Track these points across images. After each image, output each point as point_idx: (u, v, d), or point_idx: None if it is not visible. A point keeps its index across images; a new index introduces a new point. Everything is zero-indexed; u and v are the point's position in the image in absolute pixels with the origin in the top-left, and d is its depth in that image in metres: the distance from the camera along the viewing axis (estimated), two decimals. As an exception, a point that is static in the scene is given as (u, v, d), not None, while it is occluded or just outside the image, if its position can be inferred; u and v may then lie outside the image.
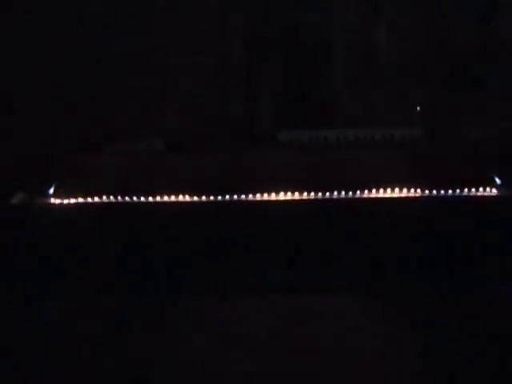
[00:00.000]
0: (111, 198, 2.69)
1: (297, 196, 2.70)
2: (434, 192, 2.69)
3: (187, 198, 2.70)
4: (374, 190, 2.70)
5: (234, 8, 3.10)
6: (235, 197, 2.69)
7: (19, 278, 2.58)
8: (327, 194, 2.69)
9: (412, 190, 2.70)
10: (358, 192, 2.70)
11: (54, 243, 2.56)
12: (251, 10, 3.10)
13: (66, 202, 2.69)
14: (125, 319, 2.57)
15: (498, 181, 2.70)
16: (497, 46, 3.03)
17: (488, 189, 2.70)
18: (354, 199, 2.67)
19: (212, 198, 2.69)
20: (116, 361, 2.49)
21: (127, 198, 2.69)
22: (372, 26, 3.11)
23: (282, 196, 2.69)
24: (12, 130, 2.91)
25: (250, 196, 2.69)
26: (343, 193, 2.70)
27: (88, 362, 2.48)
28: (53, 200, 2.70)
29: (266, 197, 2.69)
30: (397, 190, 2.70)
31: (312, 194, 2.70)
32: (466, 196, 2.67)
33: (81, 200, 2.70)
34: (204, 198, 2.69)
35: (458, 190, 2.69)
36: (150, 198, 2.69)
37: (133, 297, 2.59)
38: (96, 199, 2.70)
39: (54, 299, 2.58)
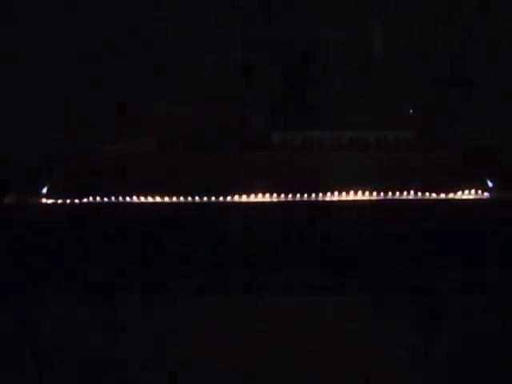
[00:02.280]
0: (104, 198, 2.70)
1: (290, 198, 2.70)
2: (426, 195, 2.69)
3: (179, 199, 2.71)
4: (366, 193, 2.70)
5: (232, 8, 3.10)
6: (223, 198, 2.70)
7: (12, 278, 2.59)
8: (319, 195, 2.70)
9: (405, 193, 2.70)
10: (352, 194, 2.70)
11: (45, 243, 2.56)
12: (249, 11, 3.10)
13: (58, 202, 2.69)
14: (121, 319, 2.57)
15: (489, 184, 2.70)
16: (490, 47, 3.04)
17: (480, 192, 2.70)
18: (345, 201, 2.67)
19: (199, 199, 2.69)
20: (114, 360, 2.50)
21: (120, 198, 2.69)
22: (367, 29, 3.12)
23: (274, 198, 2.70)
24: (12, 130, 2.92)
25: (241, 197, 2.70)
26: (335, 195, 2.71)
27: (84, 361, 2.49)
28: (45, 200, 2.70)
29: (257, 198, 2.69)
30: (389, 192, 2.71)
31: (305, 195, 2.70)
32: (457, 199, 2.67)
33: (74, 200, 2.70)
34: (190, 198, 2.69)
35: (450, 194, 2.69)
36: (143, 199, 2.70)
37: (128, 296, 2.60)
38: (89, 199, 2.70)
39: (48, 298, 2.59)
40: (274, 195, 2.70)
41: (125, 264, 2.59)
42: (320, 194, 2.69)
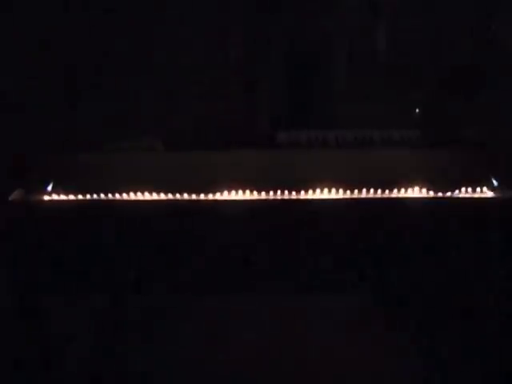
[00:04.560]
0: (109, 195, 2.70)
1: (293, 196, 2.71)
2: (431, 193, 2.69)
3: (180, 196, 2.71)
4: (370, 191, 2.70)
5: (235, 8, 3.11)
6: (226, 196, 2.70)
7: (17, 275, 2.59)
8: (323, 193, 2.71)
9: (409, 191, 2.70)
10: (356, 192, 2.71)
11: (51, 240, 2.57)
12: (252, 11, 3.11)
13: (64, 199, 2.70)
14: (121, 318, 2.58)
15: (494, 182, 2.70)
16: (496, 47, 3.04)
17: (485, 190, 2.70)
18: (348, 199, 2.68)
19: (203, 197, 2.70)
20: (112, 361, 2.50)
21: (125, 196, 2.70)
22: (371, 27, 3.12)
23: (278, 196, 2.71)
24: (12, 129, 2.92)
25: (244, 195, 2.71)
26: (340, 193, 2.71)
27: (83, 362, 2.50)
28: (51, 197, 2.70)
29: (260, 196, 2.70)
30: (395, 191, 2.71)
31: (309, 193, 2.71)
32: (462, 198, 2.67)
33: (79, 197, 2.71)
34: (194, 196, 2.70)
35: (456, 191, 2.69)
36: (148, 197, 2.70)
37: (129, 296, 2.60)
38: (94, 196, 2.71)
39: (52, 297, 2.59)
40: (278, 193, 2.70)
41: (128, 263, 2.59)
42: (324, 192, 2.70)
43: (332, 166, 2.78)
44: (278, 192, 2.70)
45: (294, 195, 2.70)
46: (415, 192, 2.69)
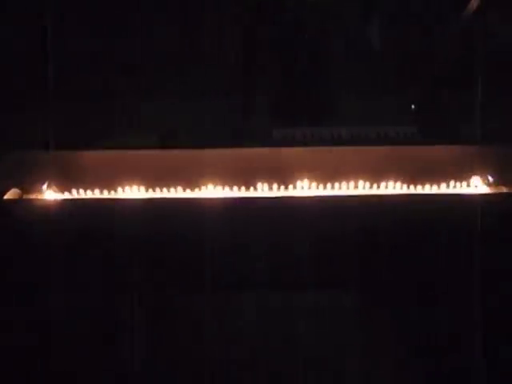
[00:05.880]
0: (105, 193, 2.70)
1: (290, 192, 2.72)
2: (426, 190, 2.70)
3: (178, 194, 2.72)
4: (367, 188, 2.71)
5: (233, 7, 3.11)
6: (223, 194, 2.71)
7: (12, 275, 2.60)
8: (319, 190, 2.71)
9: (405, 188, 2.70)
10: (352, 189, 2.71)
11: (46, 239, 2.57)
12: (250, 9, 3.11)
13: (59, 197, 2.70)
14: (118, 318, 2.58)
15: (490, 178, 2.70)
16: (491, 45, 3.04)
17: (479, 186, 2.70)
18: (345, 196, 2.68)
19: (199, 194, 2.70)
20: (110, 361, 2.51)
21: (121, 195, 2.70)
22: (367, 25, 3.12)
23: (273, 193, 2.71)
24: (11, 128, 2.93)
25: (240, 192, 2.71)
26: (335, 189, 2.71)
27: (84, 361, 2.50)
28: (46, 196, 2.71)
29: (256, 193, 2.70)
30: (389, 187, 2.71)
31: (306, 190, 2.71)
32: (456, 194, 2.68)
33: (74, 196, 2.71)
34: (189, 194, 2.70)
35: (450, 188, 2.70)
36: (145, 195, 2.71)
37: (125, 295, 2.61)
38: (90, 195, 2.71)
39: (47, 296, 2.59)
40: (274, 190, 2.71)
41: (123, 261, 2.60)
42: (320, 188, 2.70)
43: (327, 162, 2.78)
44: (273, 189, 2.71)
45: (288, 192, 2.71)
46: (410, 189, 2.69)
